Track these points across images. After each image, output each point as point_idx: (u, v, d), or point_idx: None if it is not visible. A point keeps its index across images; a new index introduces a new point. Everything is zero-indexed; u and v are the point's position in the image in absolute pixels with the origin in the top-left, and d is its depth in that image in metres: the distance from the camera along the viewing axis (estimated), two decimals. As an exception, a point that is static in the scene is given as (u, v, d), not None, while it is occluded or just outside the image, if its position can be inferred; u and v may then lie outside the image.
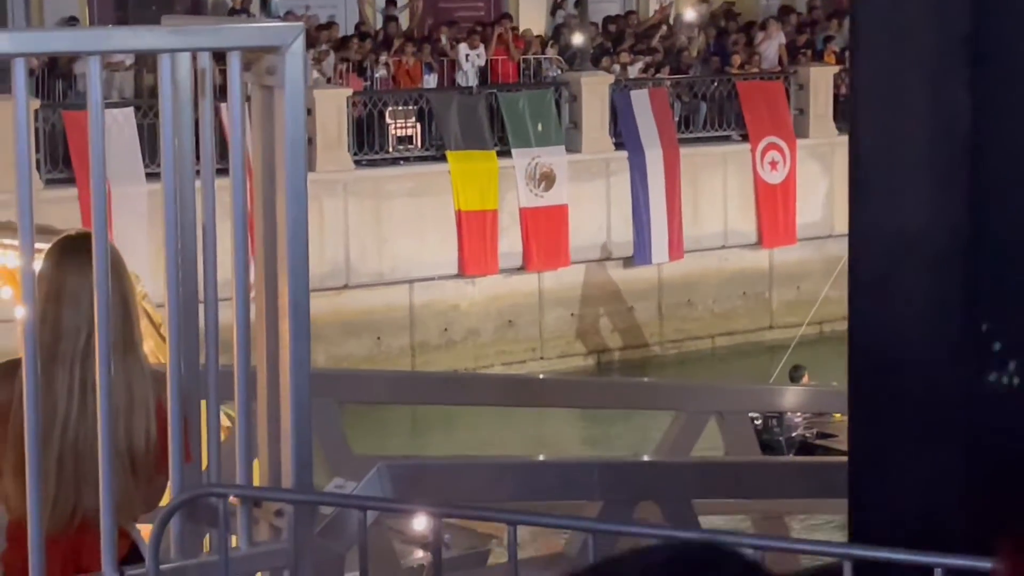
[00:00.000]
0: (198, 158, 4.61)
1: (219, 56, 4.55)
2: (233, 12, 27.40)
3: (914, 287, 4.17)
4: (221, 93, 4.63)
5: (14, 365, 4.78)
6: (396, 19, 30.05)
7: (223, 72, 4.49)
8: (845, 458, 4.71)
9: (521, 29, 30.64)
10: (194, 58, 4.52)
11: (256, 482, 4.77)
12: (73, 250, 4.94)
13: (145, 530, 4.94)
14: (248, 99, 4.64)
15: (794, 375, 22.51)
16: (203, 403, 4.63)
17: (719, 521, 8.02)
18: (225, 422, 4.92)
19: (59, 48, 4.65)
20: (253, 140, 4.62)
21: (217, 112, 4.97)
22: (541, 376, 20.32)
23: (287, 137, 4.50)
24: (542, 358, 27.18)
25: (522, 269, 26.88)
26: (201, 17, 15.19)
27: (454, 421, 22.28)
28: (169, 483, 4.66)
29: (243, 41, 4.50)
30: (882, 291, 4.27)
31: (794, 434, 21.85)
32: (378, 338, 25.85)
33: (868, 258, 4.29)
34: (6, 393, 4.85)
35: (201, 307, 4.63)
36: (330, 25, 28.85)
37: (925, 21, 4.24)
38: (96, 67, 4.23)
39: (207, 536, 5.35)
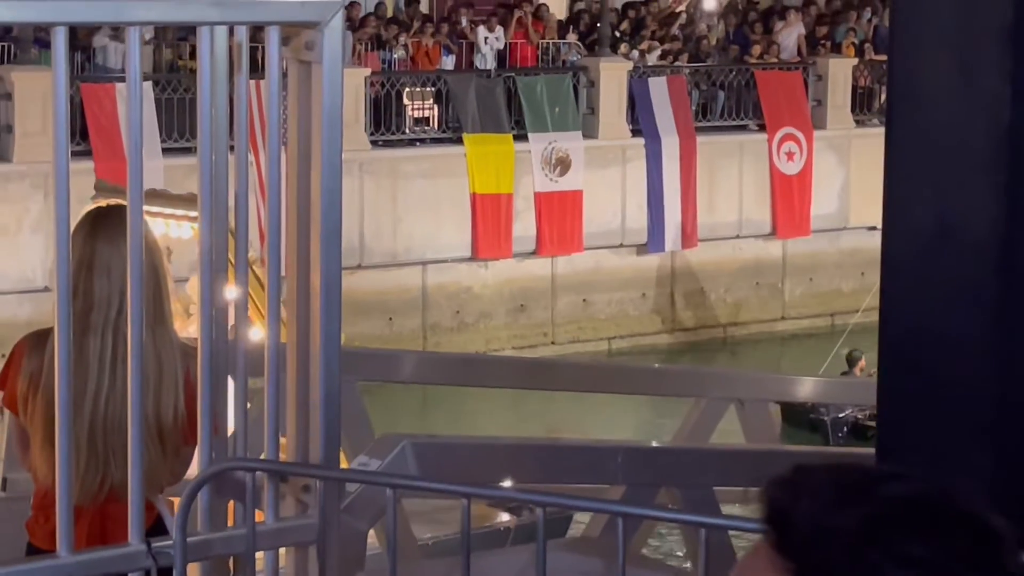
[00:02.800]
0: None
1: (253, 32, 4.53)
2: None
3: (949, 277, 4.16)
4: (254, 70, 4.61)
5: (45, 334, 4.78)
6: (417, 0, 30.02)
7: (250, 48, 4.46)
8: (869, 450, 4.69)
9: (541, 13, 30.58)
10: (231, 32, 4.50)
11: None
12: (105, 221, 4.94)
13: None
14: (284, 74, 4.62)
15: (851, 358, 22.59)
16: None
17: (739, 510, 8.00)
18: None
19: (102, 18, 4.65)
20: (289, 116, 4.61)
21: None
22: (560, 360, 20.29)
23: (324, 113, 4.49)
24: (553, 343, 27.17)
25: (535, 253, 26.86)
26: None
27: (465, 403, 22.26)
28: (196, 455, 4.66)
29: (282, 16, 4.50)
30: (916, 281, 4.25)
31: (842, 415, 21.83)
32: (390, 319, 25.84)
33: (903, 247, 4.27)
34: (36, 363, 4.85)
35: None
36: (351, 5, 28.79)
37: (965, 11, 4.23)
38: (136, 37, 4.23)
39: (229, 509, 5.35)
